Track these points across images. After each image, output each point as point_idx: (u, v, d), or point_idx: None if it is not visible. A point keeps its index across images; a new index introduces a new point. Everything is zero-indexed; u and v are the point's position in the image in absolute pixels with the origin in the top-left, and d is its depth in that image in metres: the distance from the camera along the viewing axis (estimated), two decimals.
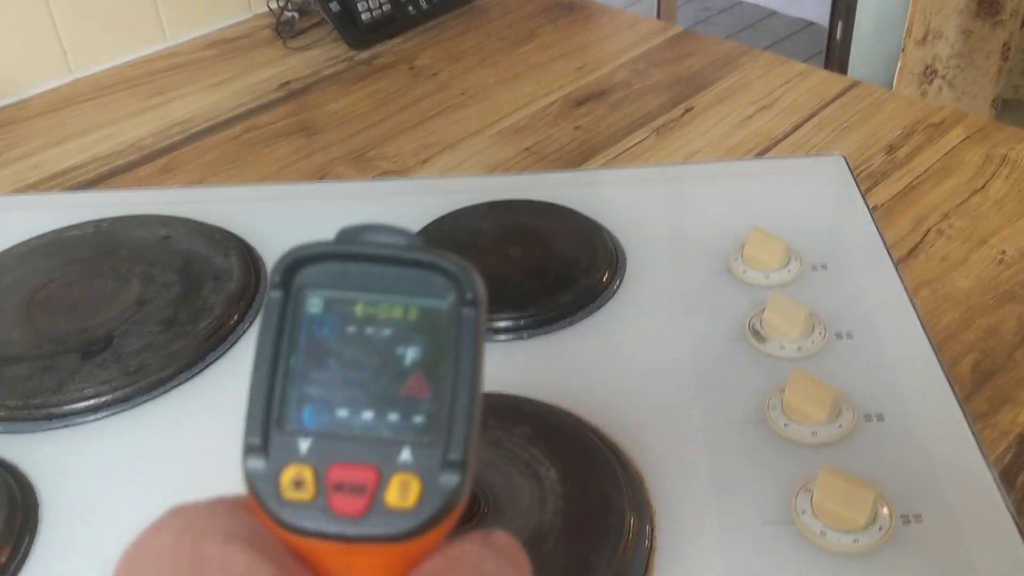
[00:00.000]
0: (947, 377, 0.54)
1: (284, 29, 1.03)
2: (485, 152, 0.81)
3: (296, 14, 1.04)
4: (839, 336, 0.58)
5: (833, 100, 0.82)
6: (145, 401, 0.57)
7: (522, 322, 0.61)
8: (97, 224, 0.72)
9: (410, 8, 1.01)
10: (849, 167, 0.73)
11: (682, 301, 0.62)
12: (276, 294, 0.27)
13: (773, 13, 3.06)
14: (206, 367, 0.59)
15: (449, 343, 0.27)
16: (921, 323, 0.58)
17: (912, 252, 0.65)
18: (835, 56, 2.12)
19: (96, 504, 0.52)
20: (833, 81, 0.85)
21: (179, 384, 0.58)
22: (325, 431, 0.26)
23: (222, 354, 0.60)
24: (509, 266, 0.65)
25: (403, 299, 0.27)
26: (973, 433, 0.51)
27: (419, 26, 1.02)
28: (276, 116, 0.89)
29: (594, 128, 0.82)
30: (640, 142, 0.80)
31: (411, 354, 0.27)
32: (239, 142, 0.86)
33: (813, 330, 0.57)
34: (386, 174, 0.79)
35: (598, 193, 0.72)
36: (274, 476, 0.26)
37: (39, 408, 0.56)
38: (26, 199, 0.79)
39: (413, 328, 0.27)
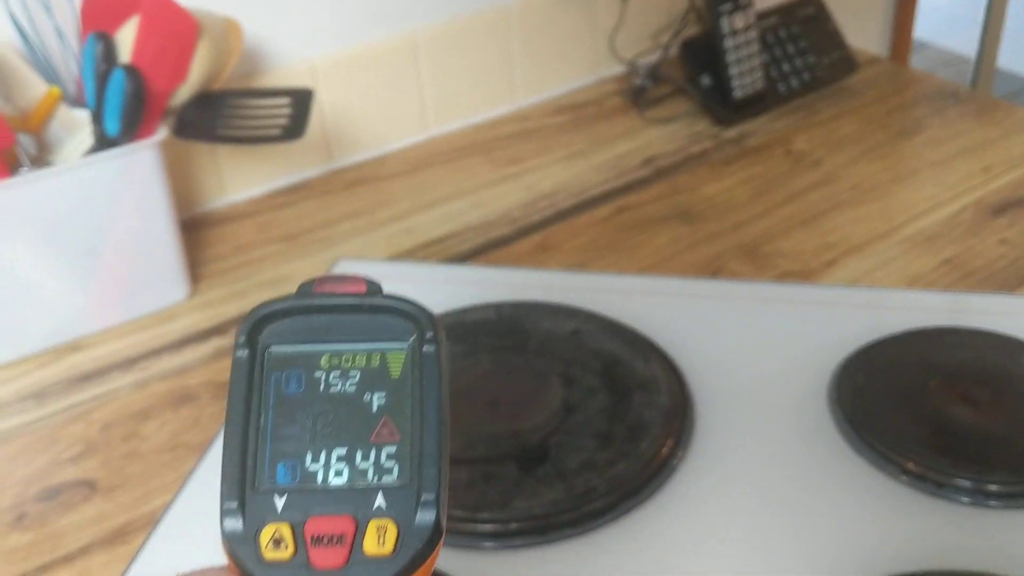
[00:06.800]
0: None
1: (639, 99, 0.99)
2: (897, 260, 0.73)
3: (649, 82, 1.00)
4: None
5: None
6: (593, 528, 0.53)
7: (993, 487, 0.53)
8: (498, 308, 0.69)
9: (780, 85, 0.95)
10: None
11: None
12: (242, 353, 0.28)
13: None
14: (651, 495, 0.55)
15: (413, 383, 0.27)
16: None
17: None
18: None
19: None
20: None
21: (626, 512, 0.54)
22: (299, 486, 0.26)
23: (664, 481, 0.55)
24: (976, 414, 0.58)
25: (366, 346, 0.28)
26: None
27: (787, 104, 0.96)
28: (647, 197, 0.85)
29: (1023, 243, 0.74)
30: None
31: (377, 400, 0.27)
32: (613, 224, 0.82)
33: None
34: (788, 275, 0.73)
35: None
36: (253, 537, 0.26)
37: (486, 523, 0.53)
38: (414, 269, 0.77)
39: (377, 374, 0.28)
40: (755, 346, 0.65)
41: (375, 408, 0.27)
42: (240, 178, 0.90)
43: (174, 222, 0.75)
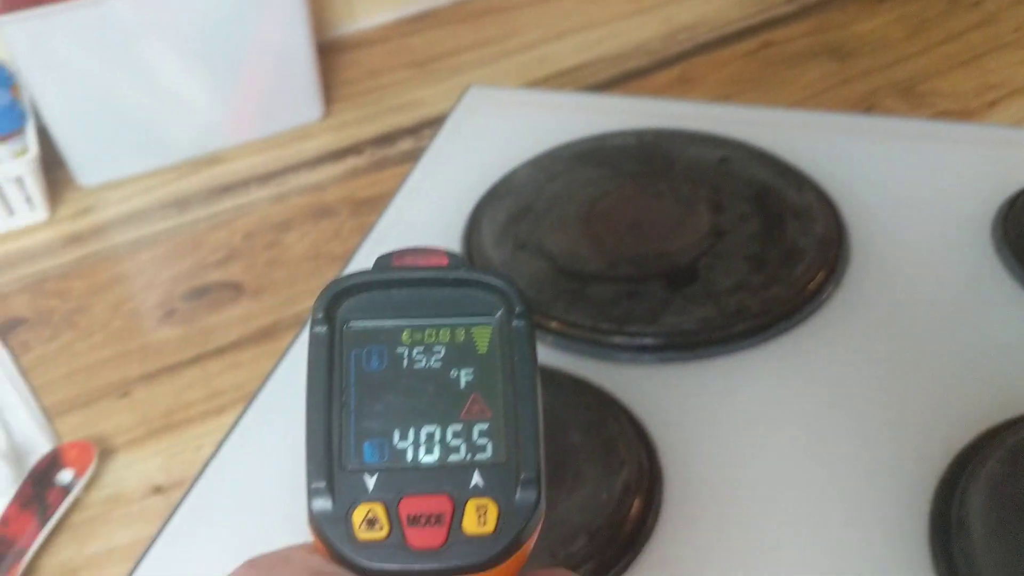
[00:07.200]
0: None
1: None
2: None
3: None
4: None
5: None
6: (742, 349, 0.52)
7: None
8: (639, 135, 0.67)
9: None
10: None
11: None
12: (320, 330, 0.26)
13: None
14: (802, 321, 0.53)
15: (503, 359, 0.26)
16: None
17: None
18: None
19: (705, 456, 0.48)
20: None
21: (782, 333, 0.52)
22: (389, 465, 0.25)
23: (817, 308, 0.54)
24: None
25: (449, 321, 0.27)
26: None
27: None
28: (794, 32, 0.81)
29: None
30: None
31: (465, 376, 0.26)
32: (758, 58, 0.78)
33: None
34: (945, 114, 0.69)
35: None
36: (344, 517, 0.25)
37: (634, 336, 0.52)
38: (548, 96, 0.75)
39: (463, 349, 0.26)
40: (913, 183, 0.62)
41: (463, 384, 0.26)
42: (368, 4, 0.88)
43: (311, 39, 0.74)
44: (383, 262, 0.28)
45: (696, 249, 0.57)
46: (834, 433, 0.48)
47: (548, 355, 0.53)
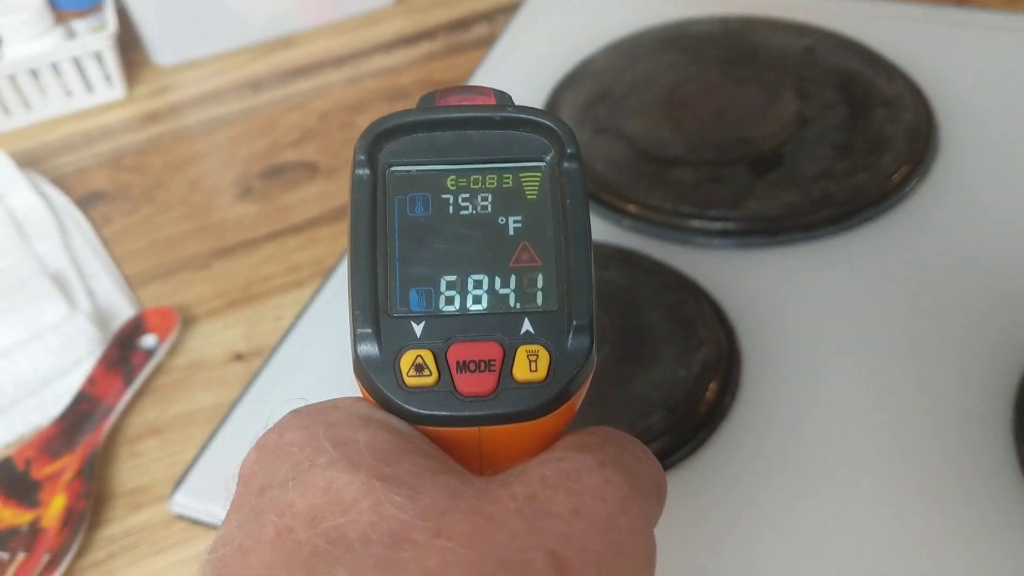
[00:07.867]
0: None
1: None
2: None
3: None
4: None
5: None
6: (826, 236, 0.51)
7: None
8: (724, 22, 0.65)
9: None
10: None
11: None
12: (363, 173, 0.25)
13: None
14: (888, 210, 0.52)
15: (553, 205, 0.25)
16: None
17: None
18: None
19: (784, 342, 0.47)
20: None
21: (865, 221, 0.51)
22: (436, 312, 0.24)
23: (903, 198, 0.53)
24: None
25: (497, 165, 0.26)
26: None
27: None
28: None
29: None
30: None
31: (513, 223, 0.25)
32: None
33: None
34: None
35: None
36: (392, 364, 0.24)
37: (715, 221, 0.52)
38: None
39: (512, 195, 0.25)
40: (1008, 79, 0.59)
41: (511, 232, 0.25)
42: None
43: None
44: (426, 101, 0.27)
45: (780, 136, 0.56)
46: (915, 322, 0.47)
47: (626, 238, 0.53)
